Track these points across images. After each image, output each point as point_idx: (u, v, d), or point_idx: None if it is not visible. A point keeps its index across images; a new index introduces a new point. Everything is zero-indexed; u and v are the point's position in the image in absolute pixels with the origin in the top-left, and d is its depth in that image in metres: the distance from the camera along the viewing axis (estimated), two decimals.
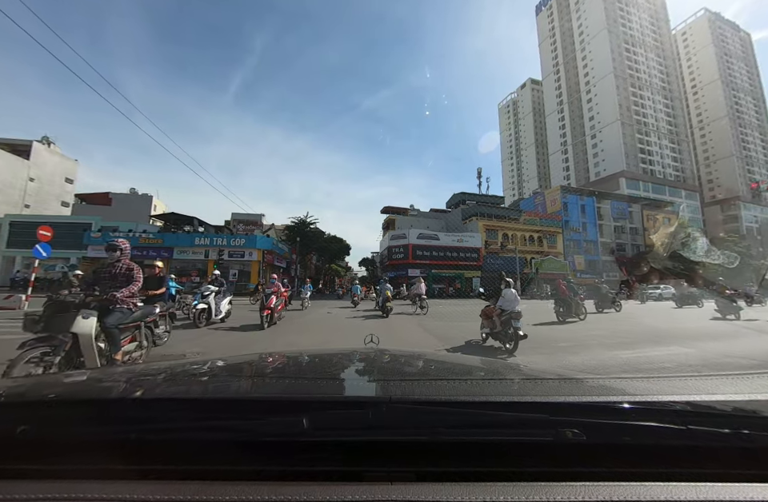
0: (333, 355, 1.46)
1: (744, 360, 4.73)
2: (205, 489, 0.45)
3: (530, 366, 1.31)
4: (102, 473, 0.50)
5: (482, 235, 37.70)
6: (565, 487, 0.47)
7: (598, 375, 1.39)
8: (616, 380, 0.97)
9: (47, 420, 0.59)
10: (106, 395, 0.77)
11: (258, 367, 1.18)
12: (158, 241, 24.13)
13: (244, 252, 24.51)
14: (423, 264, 34.78)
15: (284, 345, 5.80)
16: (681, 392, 0.79)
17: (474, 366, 1.37)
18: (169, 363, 1.33)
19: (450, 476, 0.52)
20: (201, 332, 7.07)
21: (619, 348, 5.72)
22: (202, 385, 0.92)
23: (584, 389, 0.89)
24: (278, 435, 0.58)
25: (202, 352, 4.95)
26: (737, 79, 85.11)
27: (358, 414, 0.61)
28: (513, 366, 1.40)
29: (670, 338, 6.75)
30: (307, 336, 7.07)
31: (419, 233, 35.66)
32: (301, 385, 0.91)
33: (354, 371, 1.20)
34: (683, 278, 27.40)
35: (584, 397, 0.71)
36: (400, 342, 6.41)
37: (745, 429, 0.57)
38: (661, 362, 4.55)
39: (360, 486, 0.47)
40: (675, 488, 0.47)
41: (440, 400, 0.69)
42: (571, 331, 8.10)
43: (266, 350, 4.90)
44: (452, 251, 36.00)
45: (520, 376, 1.12)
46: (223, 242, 23.88)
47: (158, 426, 0.60)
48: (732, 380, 1.20)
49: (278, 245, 28.53)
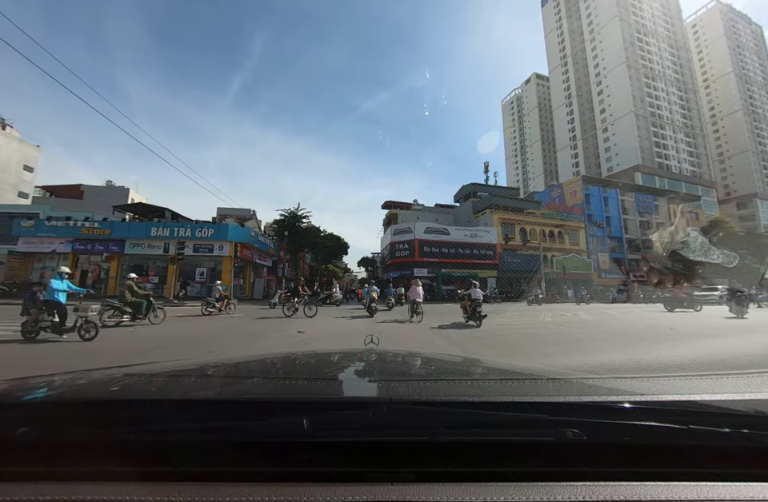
0: (333, 355, 1.46)
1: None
2: (205, 490, 0.45)
3: (531, 366, 1.40)
4: (102, 475, 0.50)
5: (498, 229, 33.05)
6: (565, 487, 0.47)
7: (598, 374, 1.32)
8: (616, 380, 0.97)
9: (48, 422, 0.58)
10: (106, 396, 0.77)
11: (258, 367, 1.18)
12: (104, 231, 19.30)
13: (213, 246, 19.69)
14: (431, 263, 30.03)
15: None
16: (681, 392, 0.80)
17: (474, 366, 1.37)
18: (169, 363, 1.25)
19: (450, 477, 0.52)
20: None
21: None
22: (203, 386, 0.92)
23: (584, 389, 0.90)
24: (278, 435, 0.57)
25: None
26: (750, 72, 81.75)
27: (359, 414, 0.61)
28: (513, 366, 1.41)
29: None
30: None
31: (426, 226, 30.95)
32: (301, 386, 0.91)
33: (354, 371, 1.18)
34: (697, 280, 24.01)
35: (584, 397, 0.71)
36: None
37: (746, 428, 0.57)
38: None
39: (360, 486, 0.47)
40: (676, 487, 0.47)
41: (440, 400, 0.69)
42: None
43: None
44: (464, 247, 31.28)
45: (520, 376, 1.10)
46: (186, 233, 19.08)
47: (159, 427, 0.60)
48: (733, 379, 1.17)
49: (259, 238, 23.65)
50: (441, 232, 31.03)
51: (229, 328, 8.23)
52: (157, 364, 1.27)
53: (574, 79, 77.77)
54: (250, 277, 24.24)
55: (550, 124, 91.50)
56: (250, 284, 24.05)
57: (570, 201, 40.08)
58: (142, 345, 5.80)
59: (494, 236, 32.45)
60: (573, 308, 18.48)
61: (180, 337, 6.81)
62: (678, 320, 10.54)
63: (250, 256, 22.86)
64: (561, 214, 36.94)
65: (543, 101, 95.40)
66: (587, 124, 74.46)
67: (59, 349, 5.32)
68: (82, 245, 19.48)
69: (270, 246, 26.99)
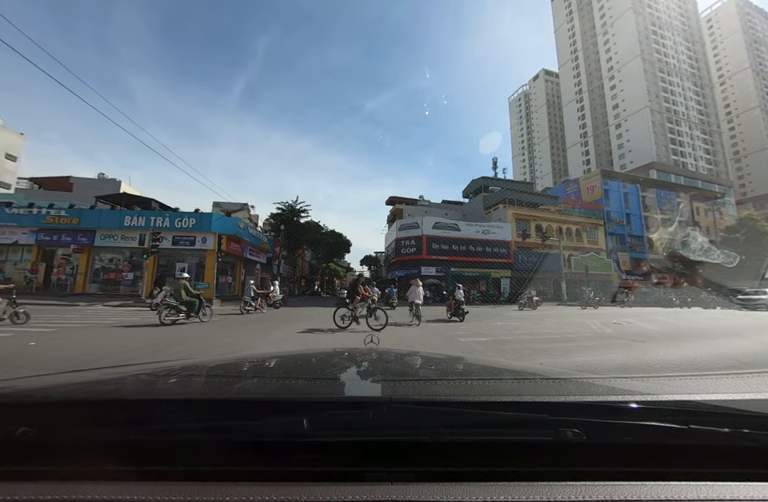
0: (333, 355, 1.45)
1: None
2: (205, 490, 0.45)
3: (531, 366, 1.39)
4: (103, 474, 0.50)
5: (513, 225, 30.50)
6: (565, 486, 0.47)
7: (599, 374, 1.31)
8: (616, 380, 0.97)
9: (48, 421, 0.58)
10: (107, 396, 0.77)
11: (258, 367, 1.18)
12: (71, 220, 16.83)
13: (195, 238, 17.19)
14: (440, 261, 27.54)
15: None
16: (681, 392, 0.81)
17: (474, 366, 1.36)
18: (169, 363, 1.22)
19: (450, 476, 0.52)
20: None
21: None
22: (203, 386, 0.91)
23: (584, 389, 0.90)
24: (278, 435, 0.58)
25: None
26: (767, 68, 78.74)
27: (359, 414, 0.61)
28: (513, 366, 1.38)
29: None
30: None
31: (435, 221, 28.45)
32: (301, 385, 0.91)
33: (354, 371, 1.18)
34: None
35: (584, 397, 0.71)
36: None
37: (745, 428, 0.57)
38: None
39: (360, 486, 0.47)
40: (676, 487, 0.47)
41: (440, 400, 0.69)
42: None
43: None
44: (476, 245, 28.77)
45: (520, 376, 1.10)
46: (164, 223, 16.62)
47: (159, 427, 0.60)
48: (732, 379, 1.17)
49: (250, 230, 21.14)
50: (451, 227, 28.53)
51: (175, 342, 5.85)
52: (157, 363, 1.23)
53: (585, 74, 75.35)
54: (241, 275, 21.77)
55: (558, 121, 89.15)
56: (240, 283, 21.62)
57: (587, 197, 37.47)
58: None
59: (507, 232, 29.92)
60: (583, 313, 14.66)
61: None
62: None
63: (239, 250, 20.32)
64: (580, 210, 34.36)
65: (552, 98, 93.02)
66: (599, 120, 71.95)
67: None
68: (47, 235, 17.03)
69: (263, 241, 24.43)
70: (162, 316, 7.94)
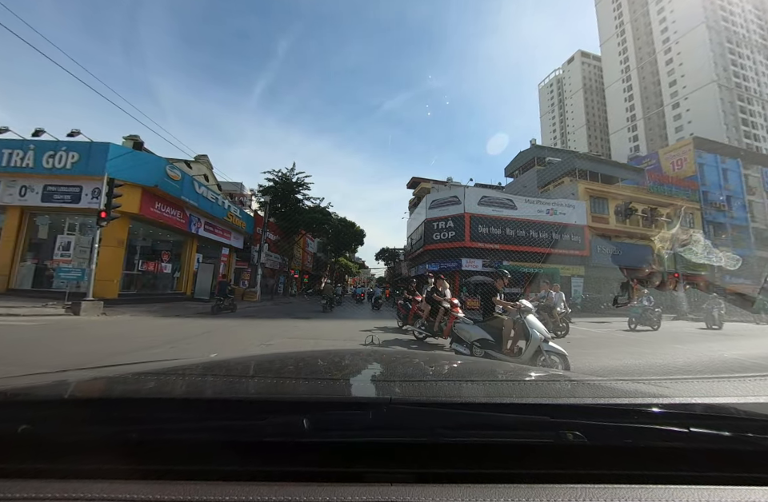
0: (333, 355, 1.44)
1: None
2: (205, 489, 0.45)
3: (532, 367, 1.35)
4: (103, 473, 0.50)
5: (587, 204, 22.09)
6: (566, 489, 0.47)
7: (600, 377, 1.29)
8: (617, 382, 0.95)
9: (49, 419, 0.58)
10: (107, 394, 0.78)
11: (258, 367, 1.18)
12: None
13: (80, 189, 9.59)
14: (488, 251, 19.41)
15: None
16: (683, 395, 0.81)
17: (474, 367, 1.36)
18: (170, 363, 1.23)
19: (450, 478, 0.52)
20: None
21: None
22: (203, 385, 0.91)
23: (585, 391, 0.90)
24: (278, 435, 0.57)
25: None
26: None
27: (359, 415, 0.61)
28: (514, 367, 1.40)
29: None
30: None
31: (482, 196, 20.35)
32: (301, 386, 0.91)
33: (354, 371, 1.18)
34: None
35: (585, 399, 0.71)
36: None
37: (747, 432, 0.57)
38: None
39: (360, 487, 0.47)
40: (677, 490, 0.47)
41: (441, 401, 0.70)
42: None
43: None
44: (538, 229, 20.53)
45: (521, 378, 1.11)
46: (25, 160, 9.03)
47: (159, 426, 0.60)
48: (734, 382, 1.16)
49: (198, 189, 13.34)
50: (504, 204, 20.35)
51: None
52: (157, 363, 1.22)
53: (633, 48, 65.80)
54: (190, 261, 14.14)
55: (597, 107, 79.58)
56: (189, 274, 14.00)
57: (672, 174, 28.66)
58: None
59: (582, 213, 21.51)
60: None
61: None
62: None
63: (179, 220, 12.61)
64: (670, 188, 25.66)
65: (590, 82, 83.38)
66: (650, 100, 62.27)
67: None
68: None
69: (231, 213, 16.66)
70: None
